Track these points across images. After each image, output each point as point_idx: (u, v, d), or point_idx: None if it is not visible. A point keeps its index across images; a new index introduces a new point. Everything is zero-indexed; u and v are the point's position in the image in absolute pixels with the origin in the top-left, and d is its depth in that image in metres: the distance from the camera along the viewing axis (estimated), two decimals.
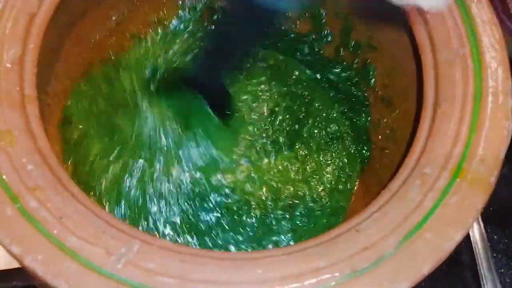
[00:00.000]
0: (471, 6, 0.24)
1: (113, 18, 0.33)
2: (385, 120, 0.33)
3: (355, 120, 0.35)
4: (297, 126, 0.34)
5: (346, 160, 0.34)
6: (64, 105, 0.32)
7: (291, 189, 0.32)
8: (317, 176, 0.33)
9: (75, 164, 0.30)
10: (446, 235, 0.18)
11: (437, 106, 0.23)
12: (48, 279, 0.17)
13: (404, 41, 0.27)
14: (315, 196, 0.32)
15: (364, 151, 0.34)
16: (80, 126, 0.31)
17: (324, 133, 0.35)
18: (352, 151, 0.34)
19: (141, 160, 0.31)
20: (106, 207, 0.29)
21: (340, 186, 0.33)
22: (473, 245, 0.40)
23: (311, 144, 0.34)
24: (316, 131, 0.34)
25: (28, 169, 0.19)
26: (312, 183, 0.33)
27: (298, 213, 0.32)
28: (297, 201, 0.32)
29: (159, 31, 0.36)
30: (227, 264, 0.18)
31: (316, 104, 0.35)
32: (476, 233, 0.40)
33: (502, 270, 0.40)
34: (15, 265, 0.34)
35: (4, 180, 0.19)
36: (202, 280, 0.17)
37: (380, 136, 0.34)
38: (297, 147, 0.34)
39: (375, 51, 0.32)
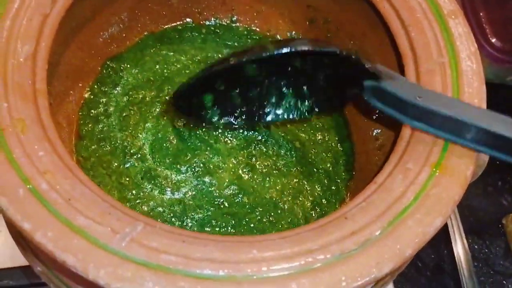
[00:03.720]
0: (448, 21, 0.27)
1: (115, 26, 0.35)
2: (372, 130, 0.35)
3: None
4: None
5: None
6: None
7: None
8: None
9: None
10: (426, 222, 0.20)
11: None
12: (57, 254, 0.18)
13: (389, 53, 0.29)
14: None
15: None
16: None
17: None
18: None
19: None
20: None
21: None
22: (455, 255, 0.42)
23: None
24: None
25: (39, 155, 0.20)
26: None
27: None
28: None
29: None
30: (226, 245, 0.19)
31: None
32: (458, 243, 0.42)
33: (482, 278, 0.42)
34: (8, 264, 0.35)
35: (17, 163, 0.20)
36: (204, 258, 0.18)
37: (365, 145, 0.36)
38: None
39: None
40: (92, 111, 0.34)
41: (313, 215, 0.33)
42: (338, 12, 0.36)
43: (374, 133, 0.35)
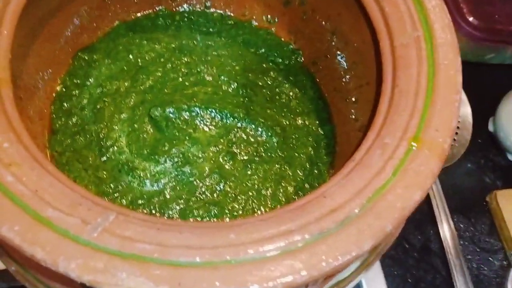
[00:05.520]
0: None
1: (85, 15, 0.34)
2: (352, 111, 0.35)
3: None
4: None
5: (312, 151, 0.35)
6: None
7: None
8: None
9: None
10: (406, 196, 0.20)
11: (395, 85, 0.24)
12: (25, 248, 0.17)
13: (364, 30, 0.29)
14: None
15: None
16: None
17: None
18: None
19: None
20: None
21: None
22: (441, 234, 0.42)
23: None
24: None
25: (3, 147, 0.19)
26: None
27: None
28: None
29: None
30: (203, 231, 0.19)
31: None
32: (444, 223, 0.42)
33: (469, 256, 0.42)
34: None
35: None
36: (179, 245, 0.18)
37: (346, 127, 0.35)
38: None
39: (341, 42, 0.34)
40: (65, 104, 0.33)
41: (297, 200, 0.33)
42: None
43: (354, 115, 0.34)
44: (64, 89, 0.34)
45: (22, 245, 0.17)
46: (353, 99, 0.35)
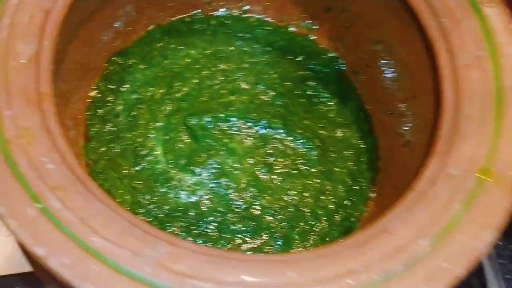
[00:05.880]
0: (485, 9, 0.24)
1: (120, 19, 0.33)
2: (396, 125, 0.33)
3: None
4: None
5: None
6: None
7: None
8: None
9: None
10: (478, 236, 0.18)
11: (458, 109, 0.23)
12: (76, 283, 0.16)
13: (415, 43, 0.27)
14: None
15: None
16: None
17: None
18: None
19: None
20: None
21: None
22: None
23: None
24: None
25: (48, 168, 0.18)
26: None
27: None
28: None
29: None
30: (258, 265, 0.17)
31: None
32: None
33: (508, 276, 0.40)
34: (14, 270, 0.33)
35: (24, 179, 0.18)
36: (235, 282, 0.17)
37: (389, 141, 0.34)
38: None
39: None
40: (99, 110, 0.32)
41: (337, 218, 0.31)
42: (357, 0, 0.34)
43: (399, 129, 0.33)
44: (99, 95, 0.33)
45: (73, 280, 0.16)
46: (398, 112, 0.33)
